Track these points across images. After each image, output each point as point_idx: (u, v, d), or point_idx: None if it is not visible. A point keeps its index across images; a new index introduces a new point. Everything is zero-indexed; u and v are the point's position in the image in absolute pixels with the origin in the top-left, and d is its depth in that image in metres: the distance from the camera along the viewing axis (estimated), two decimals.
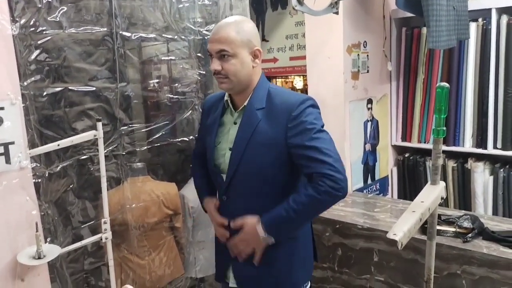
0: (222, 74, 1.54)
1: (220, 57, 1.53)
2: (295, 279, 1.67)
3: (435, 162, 1.07)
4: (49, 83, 1.79)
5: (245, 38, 1.53)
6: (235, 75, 1.54)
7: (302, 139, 1.49)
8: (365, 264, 2.20)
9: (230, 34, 1.51)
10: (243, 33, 1.53)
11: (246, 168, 1.58)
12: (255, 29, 1.60)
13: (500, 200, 2.54)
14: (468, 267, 1.86)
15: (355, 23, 2.56)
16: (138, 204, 2.11)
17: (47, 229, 1.78)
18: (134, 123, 2.06)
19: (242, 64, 1.54)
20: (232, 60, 1.52)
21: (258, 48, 1.57)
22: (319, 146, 1.48)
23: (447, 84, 1.07)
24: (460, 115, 2.63)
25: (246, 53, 1.54)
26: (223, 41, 1.51)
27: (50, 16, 1.73)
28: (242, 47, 1.52)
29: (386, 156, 2.95)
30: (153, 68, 2.19)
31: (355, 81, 2.62)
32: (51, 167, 1.81)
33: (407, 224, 0.83)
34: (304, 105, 1.53)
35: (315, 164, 1.47)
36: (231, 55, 1.51)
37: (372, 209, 2.40)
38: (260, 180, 1.59)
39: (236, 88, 1.58)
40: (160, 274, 2.24)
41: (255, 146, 1.55)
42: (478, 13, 2.54)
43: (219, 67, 1.53)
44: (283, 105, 1.54)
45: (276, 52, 3.61)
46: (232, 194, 1.64)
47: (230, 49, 1.51)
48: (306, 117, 1.51)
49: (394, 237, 0.84)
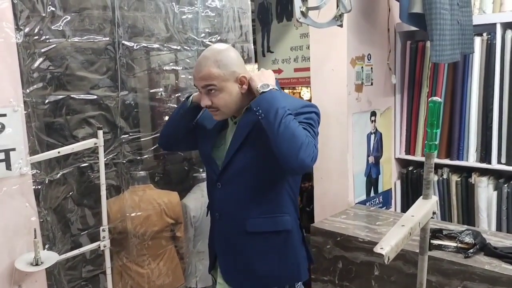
0: (213, 107, 1.59)
1: (208, 92, 1.56)
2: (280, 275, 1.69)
3: (427, 176, 1.06)
4: (51, 91, 1.82)
5: (228, 70, 1.55)
6: (225, 106, 1.59)
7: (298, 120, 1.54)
8: (365, 278, 2.17)
9: (213, 71, 1.53)
10: (225, 66, 1.55)
11: (241, 159, 1.62)
12: (237, 56, 1.62)
13: (504, 215, 2.51)
14: (469, 283, 1.84)
15: (359, 35, 2.56)
16: (139, 212, 2.12)
17: (46, 236, 1.79)
18: (135, 132, 2.07)
19: (231, 95, 1.57)
20: (220, 94, 1.56)
21: (244, 75, 1.59)
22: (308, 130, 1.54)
23: (439, 98, 1.08)
24: (464, 129, 2.61)
25: (232, 84, 1.57)
26: (207, 78, 1.54)
27: (54, 25, 1.77)
28: (227, 80, 1.55)
29: (390, 169, 2.93)
30: (155, 78, 2.21)
31: (358, 93, 2.62)
32: (51, 174, 1.83)
33: (395, 238, 0.82)
34: (309, 108, 1.62)
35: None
36: (218, 90, 1.55)
37: (374, 222, 2.37)
38: (253, 172, 1.62)
39: (230, 115, 1.65)
40: (159, 284, 2.24)
41: (253, 140, 1.59)
42: (483, 28, 2.53)
43: (209, 102, 1.58)
44: (289, 104, 1.57)
45: (281, 63, 3.63)
46: (226, 182, 1.67)
47: (216, 83, 1.54)
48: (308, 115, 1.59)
49: (381, 251, 0.83)
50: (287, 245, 1.69)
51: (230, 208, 1.69)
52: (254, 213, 1.65)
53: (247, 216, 1.65)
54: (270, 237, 1.66)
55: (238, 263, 1.70)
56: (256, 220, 1.65)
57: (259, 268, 1.67)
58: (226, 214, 1.70)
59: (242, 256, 1.68)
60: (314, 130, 1.58)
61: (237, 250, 1.69)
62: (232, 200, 1.67)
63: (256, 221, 1.65)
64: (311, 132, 1.54)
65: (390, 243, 0.84)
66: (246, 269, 1.69)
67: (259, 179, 1.63)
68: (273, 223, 1.66)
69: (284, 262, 1.69)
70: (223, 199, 1.70)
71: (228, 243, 1.72)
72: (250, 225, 1.65)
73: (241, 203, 1.66)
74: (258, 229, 1.65)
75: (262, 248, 1.66)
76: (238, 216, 1.67)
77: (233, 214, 1.68)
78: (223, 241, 1.74)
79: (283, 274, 1.70)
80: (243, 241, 1.67)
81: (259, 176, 1.63)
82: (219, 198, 1.71)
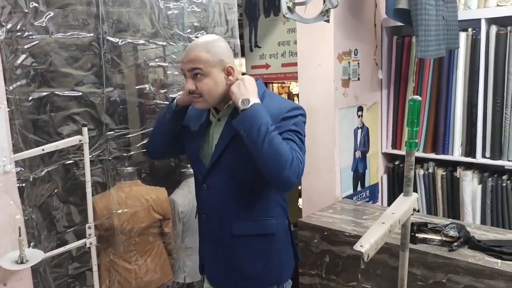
0: (197, 93, 1.57)
1: (193, 76, 1.55)
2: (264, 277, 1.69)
3: (407, 173, 1.07)
4: (35, 87, 1.79)
5: (217, 58, 1.55)
6: (209, 94, 1.57)
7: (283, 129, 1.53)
8: (352, 271, 2.20)
9: (202, 55, 1.53)
10: (215, 53, 1.55)
11: (227, 159, 1.61)
12: (227, 47, 1.62)
13: (488, 209, 2.54)
14: (453, 275, 1.86)
15: (346, 31, 2.57)
16: (126, 209, 2.11)
17: (31, 234, 1.77)
18: (121, 128, 2.06)
19: (216, 82, 1.56)
20: (205, 79, 1.55)
21: (231, 65, 1.58)
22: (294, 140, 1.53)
23: (419, 97, 1.08)
24: (449, 124, 2.64)
25: (218, 71, 1.56)
26: (195, 61, 1.53)
27: (37, 21, 1.74)
28: (214, 66, 1.54)
29: (376, 164, 2.96)
30: (141, 74, 2.19)
31: (345, 89, 2.63)
32: (36, 172, 1.81)
33: (374, 236, 0.83)
34: (296, 112, 1.58)
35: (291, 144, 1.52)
36: (203, 74, 1.54)
37: (360, 217, 2.39)
38: (240, 172, 1.61)
39: (211, 105, 1.62)
40: (147, 280, 2.23)
41: (240, 140, 1.55)
42: (468, 23, 2.55)
43: (193, 86, 1.56)
44: (274, 107, 1.57)
45: (268, 58, 3.62)
46: (212, 183, 1.66)
47: (203, 68, 1.53)
48: (294, 120, 1.56)
49: (361, 249, 0.84)
50: (272, 248, 1.69)
51: (216, 211, 1.68)
52: (240, 216, 1.64)
53: (233, 219, 1.64)
54: (255, 240, 1.66)
55: (223, 265, 1.69)
56: (242, 223, 1.64)
57: (244, 271, 1.67)
58: (212, 216, 1.70)
59: (228, 258, 1.68)
60: (301, 139, 1.56)
61: (223, 252, 1.69)
62: (218, 202, 1.66)
63: (242, 224, 1.64)
64: (298, 143, 1.53)
65: (370, 241, 0.85)
66: (231, 271, 1.69)
67: (245, 183, 1.62)
68: (259, 226, 1.66)
69: (269, 264, 1.69)
70: (209, 201, 1.69)
71: (214, 245, 1.71)
72: (236, 228, 1.64)
73: (227, 205, 1.65)
74: (244, 232, 1.65)
75: (247, 251, 1.66)
76: (224, 219, 1.66)
77: (219, 216, 1.67)
78: (210, 242, 1.73)
79: (268, 277, 1.70)
80: (228, 243, 1.67)
81: (245, 180, 1.61)
82: (205, 200, 1.71)
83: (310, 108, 2.58)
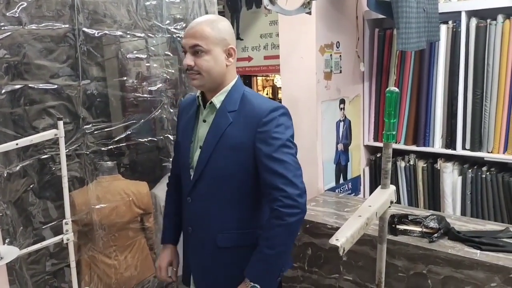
0: (195, 70, 1.52)
1: (194, 52, 1.52)
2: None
3: (385, 166, 1.07)
4: (8, 80, 1.74)
5: (220, 36, 1.52)
6: (208, 72, 1.52)
7: (268, 149, 1.49)
8: (334, 263, 2.20)
9: (205, 30, 1.50)
10: (218, 30, 1.52)
11: (212, 170, 1.57)
12: (231, 28, 1.59)
13: (468, 200, 2.57)
14: (433, 266, 1.88)
15: (328, 23, 2.56)
16: (105, 204, 2.08)
17: (6, 230, 1.73)
18: (98, 122, 2.02)
19: (216, 61, 1.52)
20: (206, 56, 1.51)
21: (233, 46, 1.56)
22: (282, 159, 1.48)
23: (396, 89, 1.07)
24: (430, 116, 2.66)
25: (220, 51, 1.53)
26: (198, 36, 1.50)
27: (9, 12, 1.69)
28: (216, 44, 1.51)
29: (359, 156, 2.96)
30: (119, 66, 2.15)
31: (327, 81, 2.62)
32: (10, 167, 1.76)
33: (351, 229, 0.83)
34: (276, 113, 1.53)
35: (272, 176, 1.48)
36: (204, 51, 1.50)
37: (342, 209, 2.40)
38: (225, 184, 1.57)
39: (207, 85, 1.57)
40: (127, 276, 2.21)
41: (223, 149, 1.54)
42: (449, 16, 2.56)
43: (192, 62, 1.51)
44: (255, 110, 1.54)
45: (251, 51, 3.60)
46: (197, 197, 1.62)
47: (205, 44, 1.49)
48: (276, 128, 1.51)
49: (336, 243, 0.83)
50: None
51: (202, 223, 1.63)
52: (227, 228, 1.60)
53: (219, 231, 1.60)
54: (241, 251, 1.60)
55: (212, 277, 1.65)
56: (229, 234, 1.60)
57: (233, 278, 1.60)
58: (198, 229, 1.65)
59: (215, 270, 1.64)
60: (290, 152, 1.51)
61: (210, 264, 1.64)
62: (204, 215, 1.62)
63: (229, 236, 1.60)
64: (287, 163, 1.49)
65: (346, 235, 0.84)
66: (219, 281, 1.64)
67: (232, 190, 1.58)
68: (247, 237, 1.61)
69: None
70: (194, 214, 1.65)
71: (201, 257, 1.66)
72: (221, 240, 1.60)
73: (213, 218, 1.60)
74: (230, 244, 1.61)
75: (234, 261, 1.60)
76: (210, 231, 1.61)
77: (205, 229, 1.62)
78: (195, 255, 1.68)
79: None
80: (216, 255, 1.62)
81: (232, 187, 1.57)
82: (190, 213, 1.67)
83: (292, 101, 2.56)
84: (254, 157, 1.52)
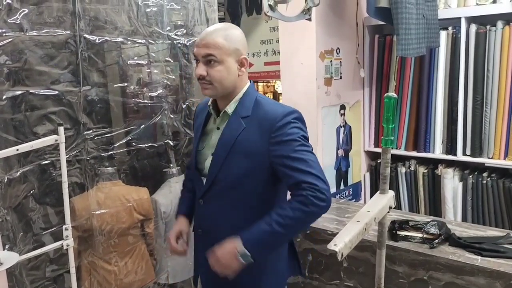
0: (207, 80, 1.51)
1: (206, 62, 1.50)
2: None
3: (383, 171, 1.07)
4: (9, 86, 1.74)
5: (233, 46, 1.51)
6: (220, 82, 1.51)
7: (286, 150, 1.47)
8: (335, 269, 2.20)
9: (218, 41, 1.49)
10: (231, 40, 1.51)
11: (225, 176, 1.56)
12: (243, 37, 1.58)
13: (469, 206, 2.57)
14: (434, 272, 1.88)
15: (328, 29, 2.57)
16: (105, 209, 2.08)
17: (6, 236, 1.73)
18: (99, 128, 2.02)
19: (228, 71, 1.51)
20: (219, 66, 1.50)
21: (245, 56, 1.55)
22: (303, 157, 1.46)
23: (394, 94, 1.08)
24: (430, 122, 2.66)
25: (232, 61, 1.52)
26: (211, 46, 1.49)
27: (11, 18, 1.69)
28: (229, 55, 1.50)
29: (359, 162, 2.96)
30: (120, 72, 2.15)
31: (328, 87, 2.63)
32: (11, 172, 1.76)
33: (349, 234, 0.82)
34: (290, 117, 1.51)
35: (299, 174, 1.44)
36: (217, 61, 1.49)
37: (343, 215, 2.40)
38: (238, 189, 1.56)
39: (219, 95, 1.57)
40: (128, 282, 2.20)
41: (237, 154, 1.53)
42: (448, 22, 2.57)
43: (205, 72, 1.50)
44: (268, 115, 1.52)
45: (251, 57, 3.61)
46: (209, 200, 1.62)
47: (218, 54, 1.48)
48: (290, 129, 1.49)
49: (334, 248, 0.83)
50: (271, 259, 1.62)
51: (213, 226, 1.62)
52: (237, 230, 1.54)
53: (230, 234, 1.54)
54: None
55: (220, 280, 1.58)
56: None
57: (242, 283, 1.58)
58: (209, 231, 1.64)
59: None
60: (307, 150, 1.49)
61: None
62: (215, 218, 1.61)
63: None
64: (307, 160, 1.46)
65: (344, 240, 0.84)
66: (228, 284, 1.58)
67: (245, 195, 1.56)
68: None
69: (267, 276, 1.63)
70: (206, 216, 1.64)
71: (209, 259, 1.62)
72: None
73: (224, 221, 1.59)
74: None
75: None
76: (221, 234, 1.55)
77: (217, 231, 1.60)
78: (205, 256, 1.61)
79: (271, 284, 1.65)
80: None
81: (245, 192, 1.56)
82: (201, 215, 1.66)
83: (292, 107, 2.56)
84: (268, 162, 1.51)
